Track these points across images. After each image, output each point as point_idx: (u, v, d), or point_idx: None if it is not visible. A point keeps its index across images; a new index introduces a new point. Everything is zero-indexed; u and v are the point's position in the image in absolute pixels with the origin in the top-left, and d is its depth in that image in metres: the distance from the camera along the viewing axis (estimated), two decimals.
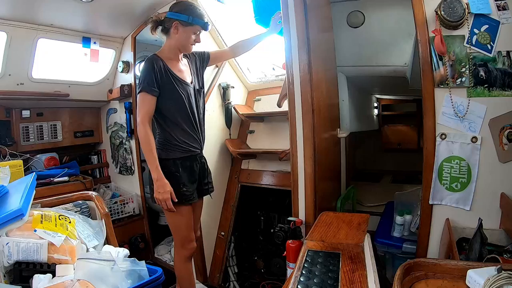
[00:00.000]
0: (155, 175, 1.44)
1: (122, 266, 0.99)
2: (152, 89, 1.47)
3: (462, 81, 1.25)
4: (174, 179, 1.50)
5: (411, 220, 1.63)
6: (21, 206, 1.04)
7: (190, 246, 1.62)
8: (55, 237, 1.04)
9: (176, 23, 1.52)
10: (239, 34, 2.46)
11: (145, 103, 1.47)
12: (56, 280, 0.97)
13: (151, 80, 1.47)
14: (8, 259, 0.99)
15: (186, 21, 1.52)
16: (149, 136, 1.45)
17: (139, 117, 1.47)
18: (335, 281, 0.89)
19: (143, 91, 1.47)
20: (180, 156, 1.55)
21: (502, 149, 1.22)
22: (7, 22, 1.99)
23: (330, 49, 1.88)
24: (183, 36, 1.55)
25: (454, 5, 1.21)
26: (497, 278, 0.72)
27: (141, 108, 1.48)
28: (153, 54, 1.57)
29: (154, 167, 1.44)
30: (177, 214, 1.53)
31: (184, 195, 1.53)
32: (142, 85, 1.48)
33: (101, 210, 1.42)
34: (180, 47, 1.58)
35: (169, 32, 1.56)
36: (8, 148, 2.21)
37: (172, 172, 1.51)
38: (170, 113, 1.54)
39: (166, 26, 1.56)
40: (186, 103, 1.57)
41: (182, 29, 1.53)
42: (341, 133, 1.87)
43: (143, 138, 1.45)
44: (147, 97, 1.47)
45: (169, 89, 1.52)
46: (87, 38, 2.38)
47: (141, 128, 1.46)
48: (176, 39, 1.55)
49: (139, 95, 1.49)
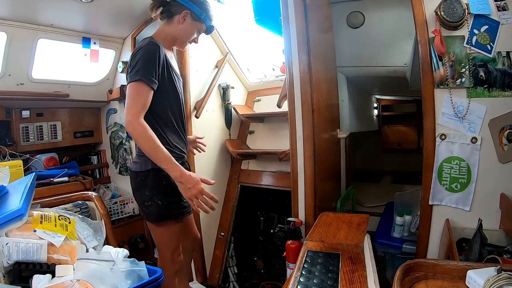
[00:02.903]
0: (176, 173, 1.20)
1: (122, 266, 0.99)
2: (152, 80, 1.23)
3: (462, 81, 1.25)
4: (175, 191, 1.28)
5: (411, 220, 1.63)
6: (21, 206, 1.04)
7: (180, 259, 1.46)
8: (54, 238, 1.04)
9: (187, 12, 1.37)
10: (239, 35, 2.48)
11: (142, 95, 1.21)
12: (55, 281, 0.97)
13: (153, 69, 1.23)
14: (8, 259, 0.99)
15: (198, 15, 1.38)
16: (149, 130, 1.20)
17: (132, 110, 1.19)
18: (335, 282, 0.89)
19: (140, 81, 1.20)
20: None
21: (502, 149, 1.22)
22: (7, 22, 1.99)
23: (330, 49, 1.88)
24: (188, 30, 1.40)
25: (454, 6, 1.21)
26: (497, 279, 0.72)
27: (136, 101, 1.20)
28: (153, 38, 1.34)
29: (171, 164, 1.20)
30: (172, 230, 1.38)
31: (185, 207, 1.40)
32: (141, 73, 1.21)
33: (100, 210, 1.42)
34: (178, 39, 1.42)
35: (173, 18, 1.38)
36: (8, 148, 2.21)
37: (172, 182, 1.27)
38: (166, 113, 1.35)
39: (172, 11, 1.37)
40: (181, 102, 1.42)
41: (190, 21, 1.38)
42: (341, 133, 1.88)
43: (142, 135, 1.19)
44: (144, 89, 1.21)
45: (169, 85, 1.34)
46: (87, 39, 2.38)
47: (136, 124, 1.18)
48: (179, 29, 1.39)
49: (134, 84, 1.21)
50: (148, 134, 1.19)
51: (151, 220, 1.37)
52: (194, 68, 2.09)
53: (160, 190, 1.32)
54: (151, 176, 1.32)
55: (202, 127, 2.15)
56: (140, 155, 1.35)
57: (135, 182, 1.37)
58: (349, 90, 2.39)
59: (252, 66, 2.59)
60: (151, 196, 1.32)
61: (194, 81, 2.11)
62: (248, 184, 2.30)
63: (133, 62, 1.26)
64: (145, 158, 1.29)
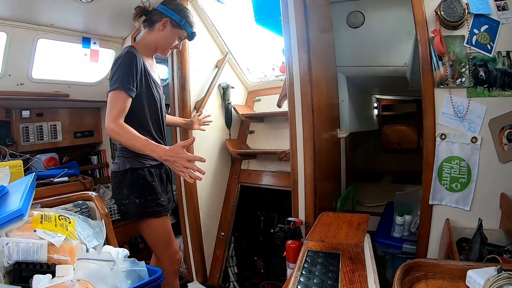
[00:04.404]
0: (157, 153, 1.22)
1: (122, 266, 0.99)
2: (130, 89, 1.29)
3: (462, 81, 1.25)
4: (152, 190, 1.39)
5: (411, 220, 1.63)
6: (21, 206, 1.04)
7: (178, 257, 1.50)
8: (55, 238, 1.04)
9: (167, 20, 1.43)
10: (239, 35, 2.47)
11: (120, 102, 1.27)
12: (56, 280, 0.97)
13: (131, 78, 1.30)
14: (8, 259, 0.99)
15: (177, 22, 1.44)
16: (126, 127, 1.25)
17: (111, 115, 1.25)
18: (335, 282, 0.89)
19: (119, 89, 1.27)
20: (154, 163, 1.43)
21: (502, 149, 1.22)
22: (7, 22, 1.98)
23: (330, 49, 1.88)
24: (168, 36, 1.46)
25: (454, 5, 1.21)
26: (497, 279, 0.72)
27: (114, 107, 1.26)
28: (132, 47, 1.39)
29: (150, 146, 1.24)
30: (159, 227, 1.42)
31: (162, 205, 1.43)
32: (120, 82, 1.28)
33: (101, 210, 1.41)
34: (159, 46, 1.48)
35: (154, 26, 1.44)
36: (8, 148, 2.21)
37: (149, 182, 1.38)
38: (144, 119, 1.41)
39: (153, 19, 1.44)
40: (159, 109, 1.48)
41: (169, 28, 1.44)
42: (341, 133, 1.88)
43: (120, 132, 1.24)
44: (122, 96, 1.28)
45: (147, 92, 1.40)
46: (87, 38, 2.38)
47: (114, 126, 1.24)
48: (160, 36, 1.45)
49: (114, 93, 1.28)
50: (125, 129, 1.25)
51: (129, 218, 1.43)
52: (194, 68, 2.09)
53: (137, 188, 1.39)
54: (129, 175, 1.39)
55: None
56: (119, 156, 1.43)
57: (114, 182, 1.45)
58: (349, 90, 2.39)
59: (252, 66, 2.59)
60: (128, 194, 1.39)
61: (194, 81, 2.11)
62: (248, 184, 2.30)
63: (112, 71, 1.33)
64: (123, 159, 1.39)
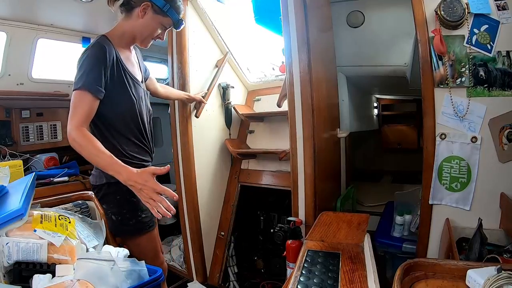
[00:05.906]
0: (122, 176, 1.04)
1: (122, 266, 0.99)
2: (98, 89, 1.11)
3: (462, 81, 1.25)
4: (132, 206, 1.23)
5: (411, 220, 1.63)
6: (21, 206, 1.03)
7: (163, 268, 1.38)
8: (55, 237, 1.04)
9: (148, 4, 1.20)
10: (239, 34, 2.47)
11: (84, 104, 1.09)
12: (56, 280, 0.96)
13: (98, 76, 1.11)
14: (8, 259, 0.99)
15: (160, 7, 1.21)
16: (90, 138, 1.08)
17: (74, 120, 1.08)
18: (335, 281, 0.89)
19: (83, 89, 1.09)
20: None
21: (502, 149, 1.22)
22: (7, 22, 1.99)
23: (330, 49, 1.88)
24: (149, 24, 1.23)
25: (454, 5, 1.21)
26: (497, 278, 0.72)
27: (78, 110, 1.09)
28: (103, 36, 1.20)
29: (115, 166, 1.05)
30: (143, 244, 1.31)
31: (143, 222, 1.31)
32: (85, 80, 1.09)
33: (101, 210, 1.41)
34: (138, 36, 1.26)
35: (132, 11, 1.22)
36: (8, 148, 2.21)
37: (128, 198, 1.19)
38: (118, 121, 1.23)
39: (131, 3, 1.22)
40: (137, 109, 1.27)
41: (151, 15, 1.22)
42: (341, 133, 1.87)
43: (81, 144, 1.06)
44: (88, 98, 1.10)
45: (120, 91, 1.21)
46: (87, 38, 2.38)
47: (75, 136, 1.06)
48: (138, 24, 1.23)
49: (77, 93, 1.10)
50: (89, 141, 1.07)
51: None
52: (194, 68, 2.09)
53: (114, 204, 1.27)
54: (105, 190, 1.27)
55: (202, 126, 2.15)
56: (96, 167, 1.28)
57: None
58: (349, 89, 2.40)
59: (252, 65, 2.59)
60: (106, 210, 1.26)
61: (194, 81, 2.11)
62: (248, 183, 2.30)
63: (77, 66, 1.15)
64: (99, 172, 1.23)
